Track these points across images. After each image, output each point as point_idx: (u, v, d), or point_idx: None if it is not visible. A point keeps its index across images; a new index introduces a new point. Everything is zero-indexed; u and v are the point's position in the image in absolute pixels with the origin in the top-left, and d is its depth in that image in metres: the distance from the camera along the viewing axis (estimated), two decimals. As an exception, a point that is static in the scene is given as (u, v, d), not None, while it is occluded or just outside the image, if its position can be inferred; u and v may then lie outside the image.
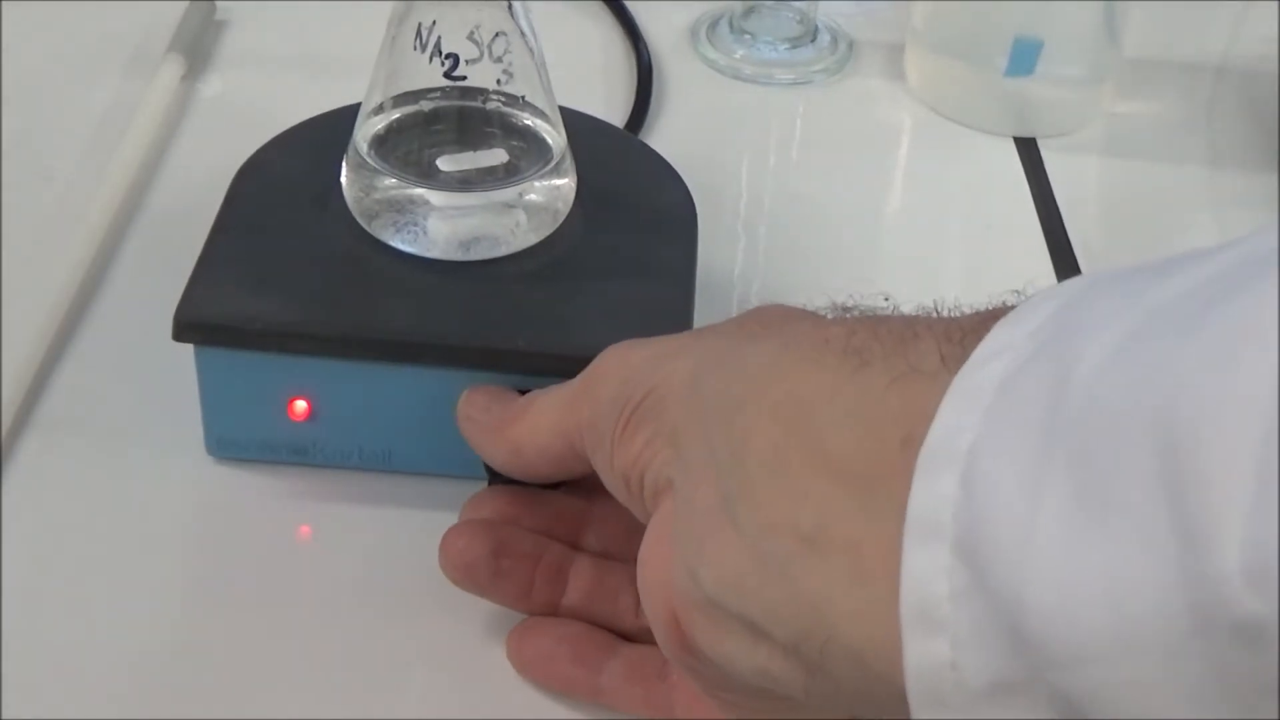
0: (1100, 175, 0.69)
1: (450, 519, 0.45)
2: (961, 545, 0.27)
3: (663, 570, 0.35)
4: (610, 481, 0.39)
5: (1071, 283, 0.30)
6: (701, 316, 0.48)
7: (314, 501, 0.48)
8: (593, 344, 0.45)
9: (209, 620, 0.44)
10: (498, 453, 0.43)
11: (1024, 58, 0.66)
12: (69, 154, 0.62)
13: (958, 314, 0.33)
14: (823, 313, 0.37)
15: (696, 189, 0.52)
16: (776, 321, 0.37)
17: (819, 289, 0.58)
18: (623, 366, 0.39)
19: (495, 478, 0.45)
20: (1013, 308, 0.30)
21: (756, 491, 0.32)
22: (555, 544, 0.44)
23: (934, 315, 0.33)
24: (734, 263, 0.60)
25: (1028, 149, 0.68)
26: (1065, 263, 0.61)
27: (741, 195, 0.65)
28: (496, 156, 0.49)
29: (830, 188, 0.65)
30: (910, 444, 0.28)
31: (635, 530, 0.44)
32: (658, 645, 0.42)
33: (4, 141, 0.63)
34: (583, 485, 0.45)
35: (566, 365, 0.45)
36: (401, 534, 0.47)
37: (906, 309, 0.35)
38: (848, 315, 0.36)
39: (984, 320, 0.30)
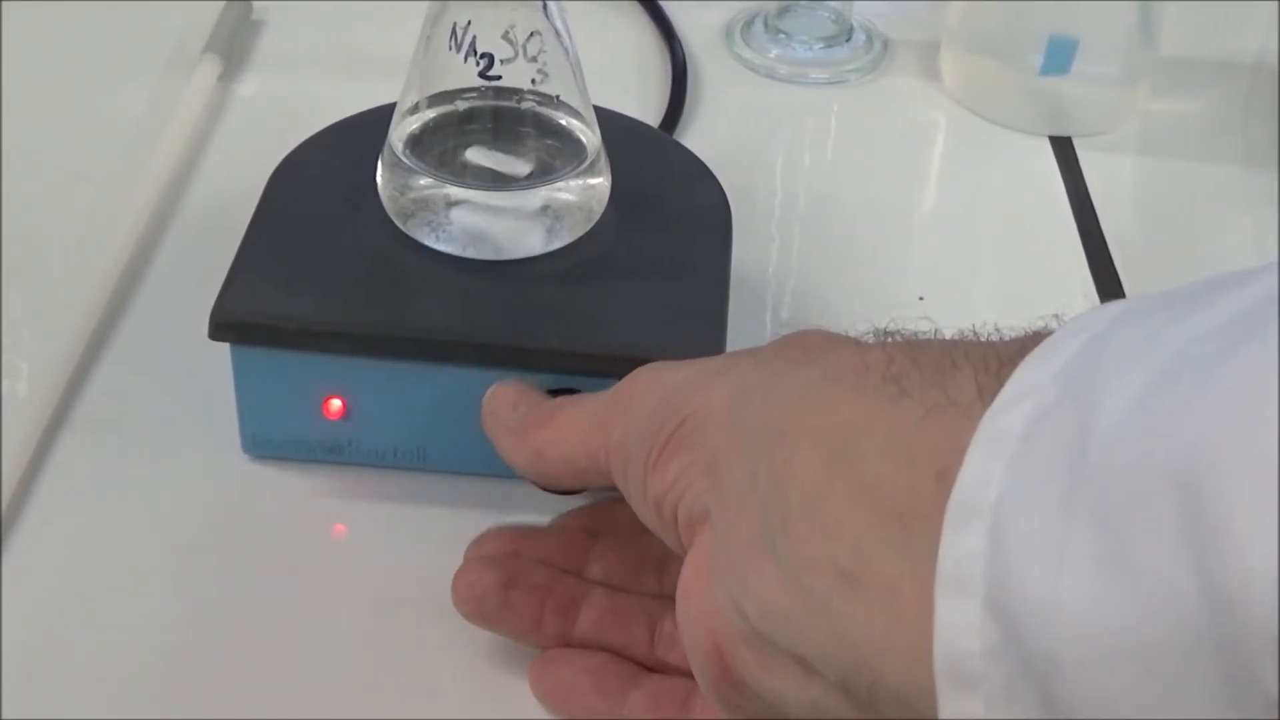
0: (1136, 174, 0.68)
1: (485, 517, 0.45)
2: (992, 602, 0.27)
3: (705, 603, 0.34)
4: (640, 507, 0.38)
5: (1096, 316, 0.29)
6: (736, 317, 0.48)
7: (348, 500, 0.48)
8: (627, 344, 0.45)
9: (243, 618, 0.45)
10: (519, 455, 0.42)
11: (1059, 57, 0.66)
12: (106, 154, 0.62)
13: (997, 338, 0.32)
14: (864, 337, 0.37)
15: (731, 189, 0.52)
16: (818, 347, 0.37)
17: (853, 289, 0.58)
18: (656, 388, 0.38)
19: None
20: (1050, 333, 0.30)
21: (796, 524, 0.31)
22: (566, 576, 0.43)
23: (973, 339, 0.32)
24: (768, 262, 0.60)
25: (1063, 148, 0.68)
26: (1100, 262, 0.61)
27: (776, 195, 0.65)
28: (519, 167, 0.49)
29: (865, 187, 0.65)
30: (944, 479, 0.28)
31: (642, 561, 0.44)
32: (679, 675, 0.41)
33: (42, 141, 0.63)
34: (586, 518, 0.45)
35: (601, 365, 0.45)
36: (436, 533, 0.47)
37: (948, 331, 0.34)
38: (889, 340, 0.35)
39: (1021, 348, 0.30)
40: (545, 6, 0.47)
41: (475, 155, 0.49)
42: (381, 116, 0.50)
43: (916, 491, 0.29)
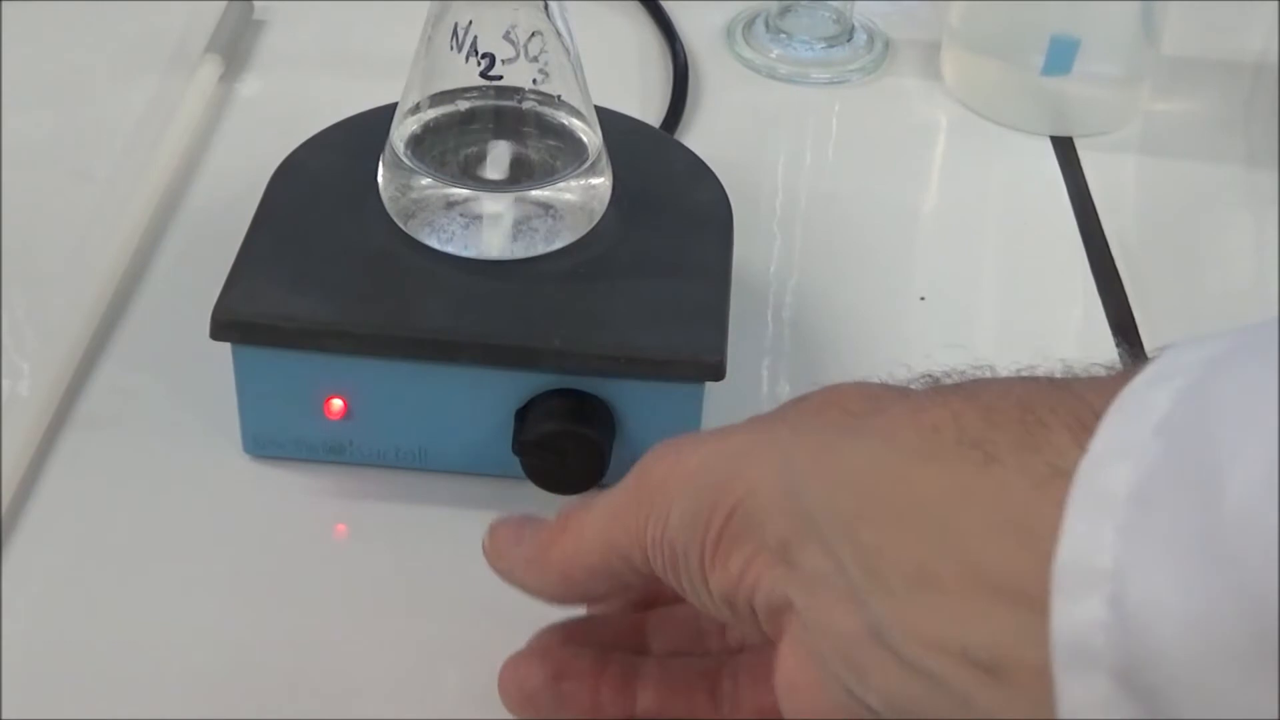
0: (1137, 174, 0.68)
1: (486, 517, 0.45)
2: (1123, 676, 0.26)
3: (818, 695, 0.33)
4: (703, 602, 0.35)
5: (1179, 360, 0.28)
6: (737, 315, 0.48)
7: (350, 500, 0.48)
8: (628, 343, 0.45)
9: (244, 617, 0.45)
10: (546, 582, 0.39)
11: (1061, 56, 0.66)
12: (108, 154, 0.62)
13: (1065, 374, 0.30)
14: (910, 384, 0.35)
15: (732, 188, 0.52)
16: (862, 407, 0.34)
17: (855, 289, 0.58)
18: (680, 475, 0.35)
19: None
20: (1135, 371, 0.28)
21: (907, 612, 0.30)
22: (618, 654, 0.41)
23: (1039, 381, 0.31)
24: (769, 262, 0.60)
25: (1064, 148, 0.68)
26: (1102, 262, 0.61)
27: (777, 194, 0.65)
28: (521, 167, 0.49)
29: (866, 187, 0.65)
30: None
31: (700, 622, 0.41)
32: None
33: (44, 141, 0.63)
34: (637, 593, 0.42)
35: (602, 364, 0.45)
36: (437, 532, 0.47)
37: (997, 366, 0.33)
38: (936, 386, 0.33)
39: (1107, 394, 0.28)
40: (547, 6, 0.47)
41: (476, 155, 0.49)
42: (383, 116, 0.50)
43: (1048, 575, 0.27)
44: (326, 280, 0.47)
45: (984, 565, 0.28)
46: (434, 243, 0.48)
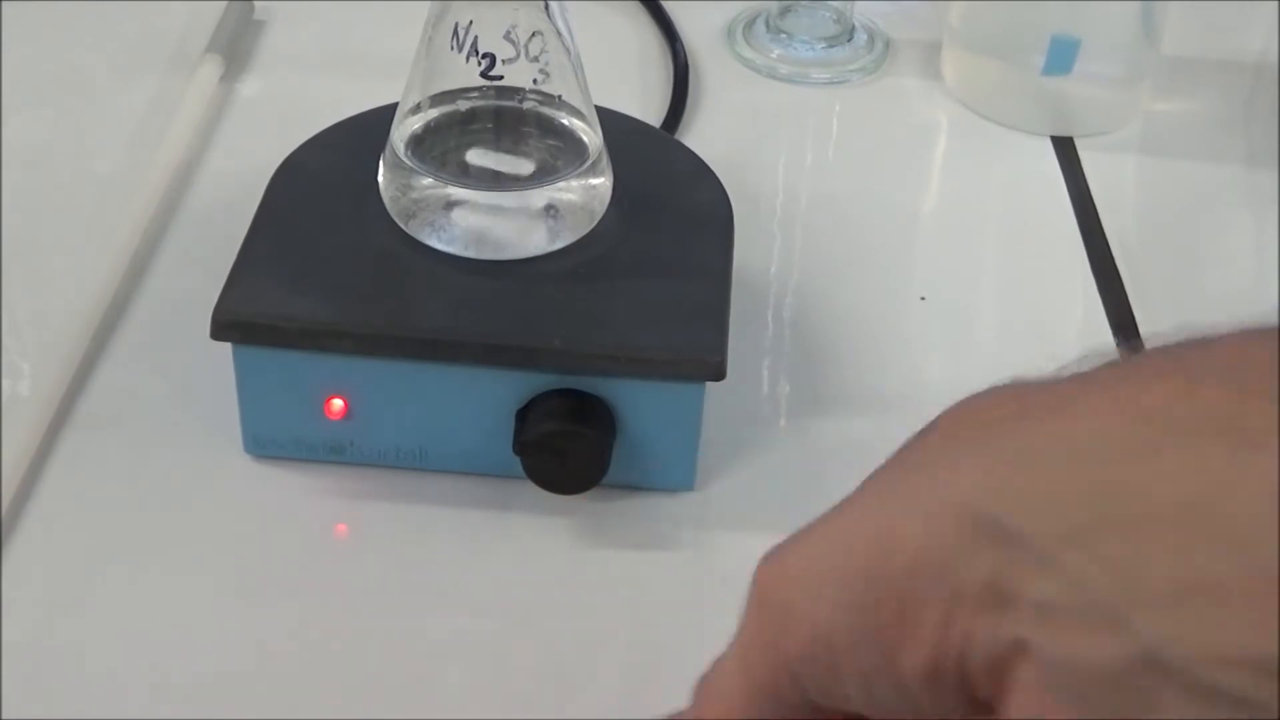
0: (1138, 175, 0.68)
1: (485, 517, 0.45)
2: None
3: None
4: (887, 694, 0.30)
5: None
6: (737, 315, 0.48)
7: (350, 500, 0.48)
8: (629, 343, 0.45)
9: (245, 617, 0.45)
10: None
11: (1061, 56, 0.66)
12: (108, 154, 0.62)
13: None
14: (1063, 369, 0.31)
15: (732, 188, 0.52)
16: (1036, 401, 0.30)
17: (855, 289, 0.58)
18: (817, 564, 0.31)
19: None
20: None
21: (1189, 628, 0.26)
22: None
23: (1270, 332, 0.28)
24: (770, 262, 0.60)
25: (1065, 148, 0.68)
26: (1103, 262, 0.61)
27: (778, 195, 0.65)
28: (521, 167, 0.49)
29: (866, 187, 0.65)
30: None
31: None
32: None
33: (43, 141, 0.63)
34: None
35: (602, 364, 0.45)
36: (437, 532, 0.47)
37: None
38: (1125, 363, 0.30)
39: None
40: (547, 6, 0.47)
41: (477, 155, 0.49)
42: (383, 116, 0.50)
43: None
44: (327, 280, 0.47)
45: (1273, 564, 0.25)
46: (434, 243, 0.48)
